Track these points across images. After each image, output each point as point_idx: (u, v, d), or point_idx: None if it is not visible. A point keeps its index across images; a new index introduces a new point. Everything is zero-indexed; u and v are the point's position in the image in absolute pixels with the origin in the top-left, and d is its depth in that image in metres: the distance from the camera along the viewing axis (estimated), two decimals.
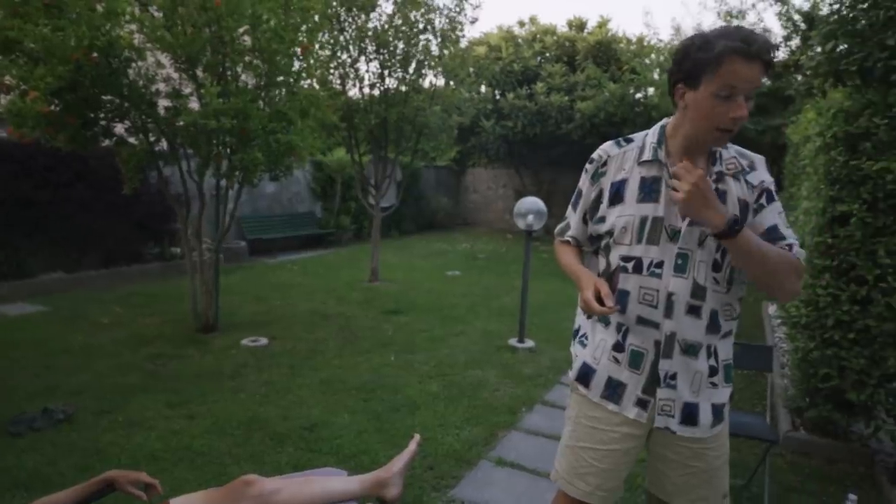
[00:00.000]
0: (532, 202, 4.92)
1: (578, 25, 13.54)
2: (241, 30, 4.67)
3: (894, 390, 2.79)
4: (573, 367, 1.66)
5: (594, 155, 1.60)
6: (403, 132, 7.58)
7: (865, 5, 2.84)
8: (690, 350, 1.48)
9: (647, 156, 1.51)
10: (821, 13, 3.18)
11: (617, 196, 1.53)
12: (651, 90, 11.27)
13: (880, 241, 2.74)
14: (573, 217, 1.69)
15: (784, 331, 4.20)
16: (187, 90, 4.80)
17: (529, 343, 5.05)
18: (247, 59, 4.83)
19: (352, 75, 7.23)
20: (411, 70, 7.30)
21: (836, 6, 3.04)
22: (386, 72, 7.19)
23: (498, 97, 12.80)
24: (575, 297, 1.67)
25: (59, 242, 6.83)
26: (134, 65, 4.49)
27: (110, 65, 4.23)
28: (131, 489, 1.67)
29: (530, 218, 4.84)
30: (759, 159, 1.51)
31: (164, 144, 5.01)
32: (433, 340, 5.13)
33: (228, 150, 4.89)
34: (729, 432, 2.73)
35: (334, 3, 6.65)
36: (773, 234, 1.46)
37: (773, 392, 3.88)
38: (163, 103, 4.76)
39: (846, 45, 2.89)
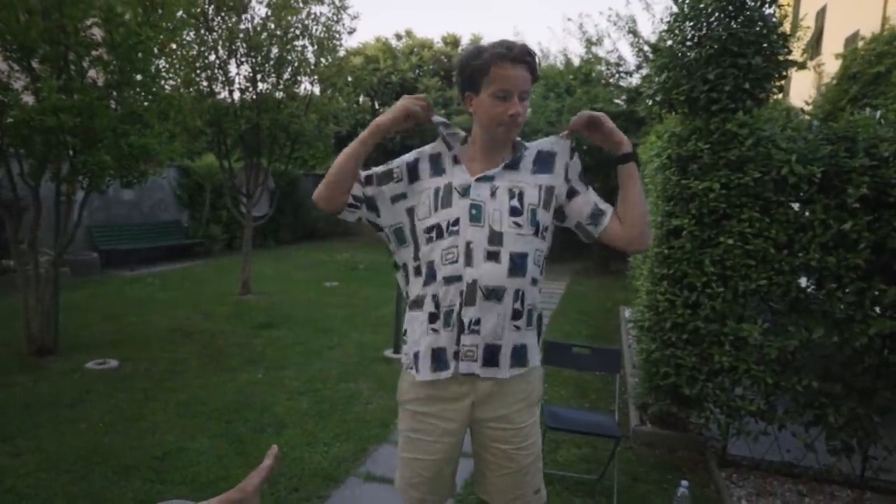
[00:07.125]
0: None
1: (453, 42, 14.00)
2: (88, 21, 4.25)
3: (719, 384, 3.14)
4: (403, 363, 1.67)
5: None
6: (277, 139, 7.31)
7: (691, 43, 3.21)
8: (493, 295, 1.52)
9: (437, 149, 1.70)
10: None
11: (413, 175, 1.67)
12: None
13: (706, 252, 3.09)
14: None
15: (634, 333, 4.58)
16: (18, 84, 4.26)
17: None
18: (95, 53, 4.40)
19: (221, 78, 6.85)
20: (286, 76, 7.08)
21: (669, 42, 3.41)
22: (258, 76, 6.90)
23: (377, 107, 12.82)
24: None
25: None
26: None
27: None
28: None
29: None
30: (562, 145, 1.65)
31: None
32: (306, 354, 4.96)
33: (71, 152, 4.40)
34: (580, 432, 2.93)
35: (200, 0, 6.27)
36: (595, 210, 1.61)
37: (626, 391, 4.22)
38: None
39: (676, 77, 3.24)
